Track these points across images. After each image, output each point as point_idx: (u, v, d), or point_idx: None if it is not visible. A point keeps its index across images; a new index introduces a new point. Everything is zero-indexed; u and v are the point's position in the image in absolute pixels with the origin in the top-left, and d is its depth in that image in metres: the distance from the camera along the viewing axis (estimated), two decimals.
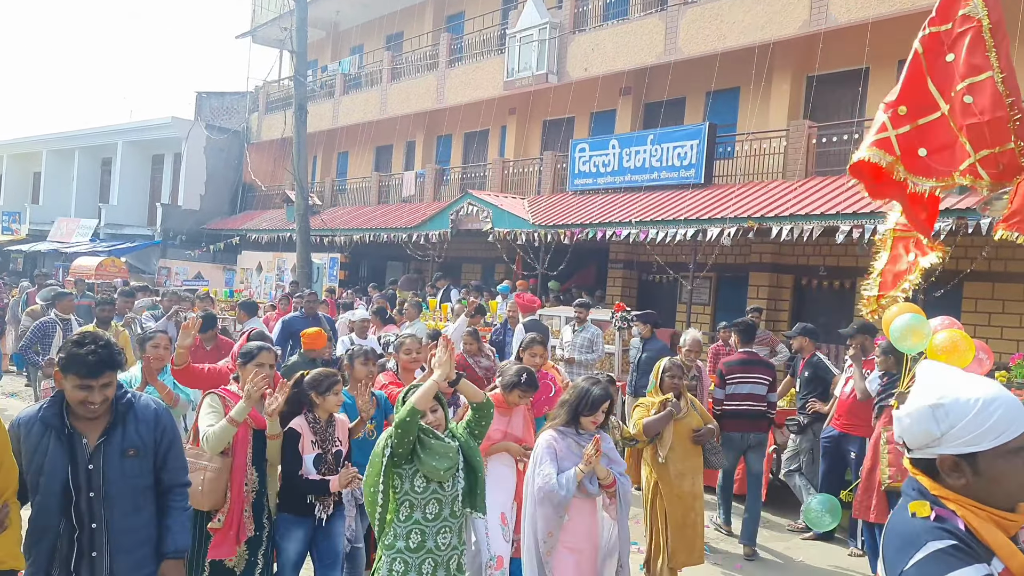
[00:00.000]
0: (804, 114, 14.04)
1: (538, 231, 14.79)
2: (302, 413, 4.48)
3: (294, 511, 4.45)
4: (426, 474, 3.59)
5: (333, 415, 4.57)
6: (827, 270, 13.56)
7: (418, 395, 3.58)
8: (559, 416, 4.38)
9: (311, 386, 4.50)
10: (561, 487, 4.13)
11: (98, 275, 19.77)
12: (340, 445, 4.53)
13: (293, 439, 4.40)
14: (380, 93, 23.06)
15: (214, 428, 4.12)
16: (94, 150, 31.35)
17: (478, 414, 3.86)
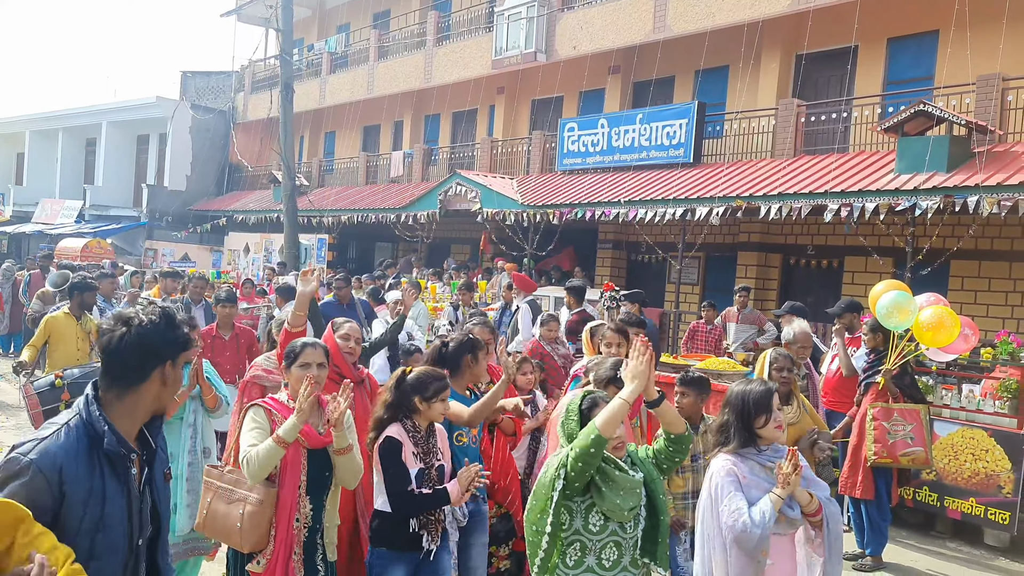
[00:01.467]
0: (793, 92, 14.01)
1: (527, 211, 14.75)
2: (398, 420, 3.75)
3: (394, 544, 3.63)
4: (606, 512, 2.97)
5: (433, 424, 3.84)
6: (815, 249, 13.60)
7: (606, 418, 2.93)
8: (727, 439, 3.48)
9: (415, 389, 3.76)
10: (756, 524, 3.23)
11: (84, 257, 19.64)
12: (442, 459, 3.79)
13: (394, 450, 3.62)
14: (367, 72, 22.86)
15: (257, 449, 3.33)
16: (78, 130, 31.00)
17: (674, 447, 3.22)
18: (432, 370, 3.88)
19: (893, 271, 11.72)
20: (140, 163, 29.87)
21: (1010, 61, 11.13)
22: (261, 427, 3.47)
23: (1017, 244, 11.35)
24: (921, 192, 9.79)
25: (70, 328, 6.88)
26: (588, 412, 3.10)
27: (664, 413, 3.16)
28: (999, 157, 9.90)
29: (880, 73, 13.31)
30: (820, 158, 12.23)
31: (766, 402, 3.43)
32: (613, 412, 2.95)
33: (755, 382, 3.54)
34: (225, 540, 3.51)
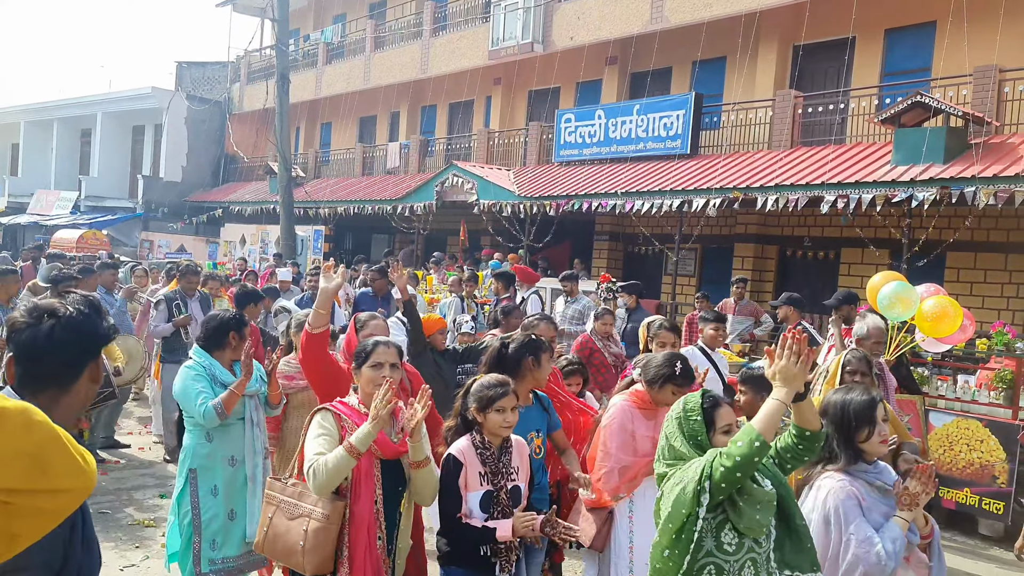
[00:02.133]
0: (790, 84, 14.00)
1: (524, 202, 14.74)
2: (468, 433, 3.35)
3: (467, 564, 3.25)
4: (743, 529, 2.62)
5: (510, 438, 3.40)
6: (812, 241, 13.62)
7: (767, 422, 2.59)
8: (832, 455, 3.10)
9: (471, 397, 3.37)
10: (890, 555, 2.87)
11: (79, 248, 19.57)
12: (517, 479, 3.36)
13: (452, 470, 3.25)
14: (363, 63, 22.79)
15: (326, 458, 2.97)
16: (73, 121, 30.88)
17: (804, 444, 2.81)
18: (493, 377, 3.45)
19: (889, 262, 11.75)
20: (136, 154, 29.78)
21: (1007, 53, 11.13)
22: (329, 434, 3.09)
23: (1013, 236, 11.38)
24: (918, 184, 9.80)
25: None
26: (712, 412, 2.80)
27: (805, 408, 2.76)
28: (996, 149, 9.91)
29: (877, 64, 13.31)
30: (817, 149, 12.23)
31: (869, 413, 3.07)
32: (772, 415, 2.60)
33: (856, 390, 3.18)
34: (285, 561, 3.15)
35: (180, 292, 8.04)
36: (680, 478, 2.66)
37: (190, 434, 4.14)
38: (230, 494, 4.12)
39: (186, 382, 4.09)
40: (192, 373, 4.12)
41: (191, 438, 4.14)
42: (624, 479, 3.86)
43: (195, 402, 4.02)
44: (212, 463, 4.11)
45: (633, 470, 3.85)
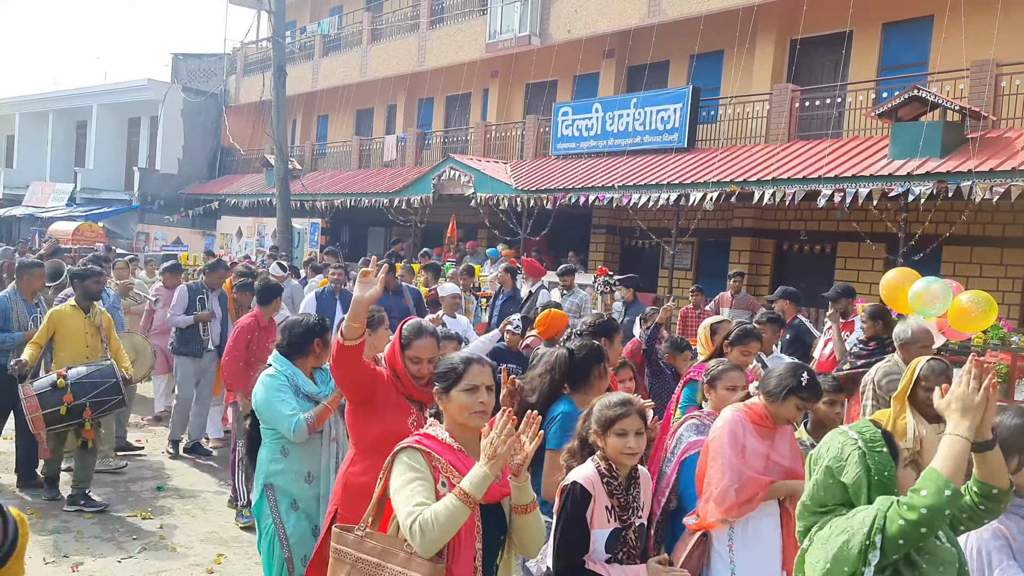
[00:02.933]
0: (788, 77, 13.99)
1: (520, 196, 14.73)
2: (593, 459, 2.92)
3: None
4: None
5: (637, 467, 2.99)
6: (808, 234, 13.63)
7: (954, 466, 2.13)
8: None
9: (595, 417, 2.94)
10: None
11: (75, 240, 19.54)
12: (643, 514, 2.96)
13: (579, 501, 2.77)
14: (360, 55, 22.72)
15: (434, 511, 2.38)
16: (68, 112, 30.76)
17: (987, 504, 2.33)
18: (615, 396, 2.99)
19: (886, 257, 11.77)
20: (131, 146, 29.68)
21: (1004, 47, 11.13)
22: (424, 478, 2.50)
23: (1009, 230, 11.40)
24: (914, 178, 9.81)
25: (78, 322, 5.96)
26: (893, 442, 2.27)
27: (992, 459, 2.29)
28: (992, 143, 9.92)
29: (875, 58, 13.30)
30: (814, 143, 12.23)
31: (1021, 440, 2.59)
32: (959, 455, 2.16)
33: (1007, 413, 2.70)
34: None
35: (203, 286, 7.63)
36: (843, 528, 2.17)
37: (265, 446, 3.81)
38: (309, 510, 3.75)
39: (271, 393, 3.72)
40: (276, 383, 3.75)
41: (266, 451, 3.80)
42: (741, 498, 3.33)
43: (284, 415, 3.66)
44: (286, 480, 3.74)
45: (750, 489, 3.34)
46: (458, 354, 2.82)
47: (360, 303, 3.16)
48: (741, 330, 4.71)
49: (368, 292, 3.14)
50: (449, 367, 2.71)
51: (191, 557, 5.12)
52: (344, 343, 3.20)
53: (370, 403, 3.26)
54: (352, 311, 3.19)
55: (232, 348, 6.02)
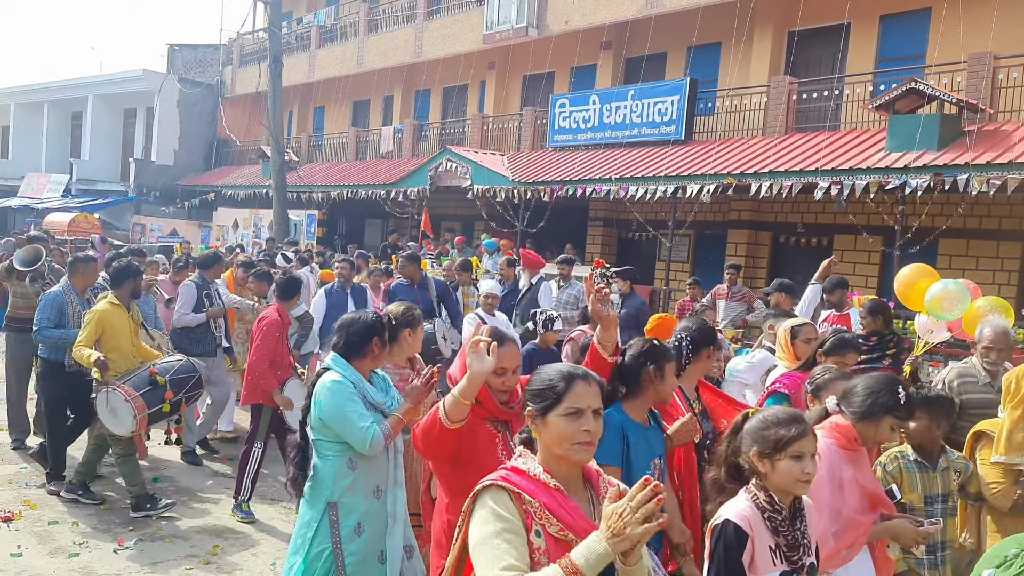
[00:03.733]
0: (785, 70, 13.96)
1: (517, 188, 14.71)
2: (747, 491, 2.49)
3: None
4: None
5: (800, 498, 2.52)
6: (805, 227, 13.63)
7: None
8: None
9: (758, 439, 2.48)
10: None
11: (71, 231, 19.49)
12: (811, 552, 2.50)
13: (735, 544, 2.37)
14: (357, 46, 22.64)
15: None
16: (64, 103, 30.63)
17: None
18: (781, 411, 2.57)
19: (882, 249, 11.79)
20: (127, 137, 29.57)
21: (1001, 40, 11.12)
22: (511, 528, 1.99)
23: (1005, 223, 11.41)
24: (911, 170, 9.81)
25: (123, 321, 5.65)
26: None
27: None
28: (989, 136, 9.92)
29: (872, 50, 13.29)
30: (811, 136, 12.22)
31: None
32: None
33: None
34: None
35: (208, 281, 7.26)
36: None
37: (328, 460, 3.37)
38: (375, 532, 3.40)
39: (343, 402, 3.32)
40: (347, 391, 3.34)
41: (329, 465, 3.36)
42: (841, 545, 2.89)
43: (359, 427, 3.28)
44: (355, 496, 3.36)
45: (850, 535, 2.88)
46: (556, 367, 2.27)
47: (474, 379, 2.66)
48: (838, 339, 4.11)
49: (484, 366, 2.65)
50: (546, 384, 2.18)
51: (187, 548, 5.13)
52: (450, 426, 2.69)
53: (455, 453, 2.84)
54: (467, 386, 2.66)
55: (261, 347, 5.64)
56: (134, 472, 5.64)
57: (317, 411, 3.35)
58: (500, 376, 2.92)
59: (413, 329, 3.95)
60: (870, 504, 3.00)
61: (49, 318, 5.91)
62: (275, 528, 5.60)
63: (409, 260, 8.35)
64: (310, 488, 3.38)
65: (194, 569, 4.84)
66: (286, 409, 5.63)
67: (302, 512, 3.41)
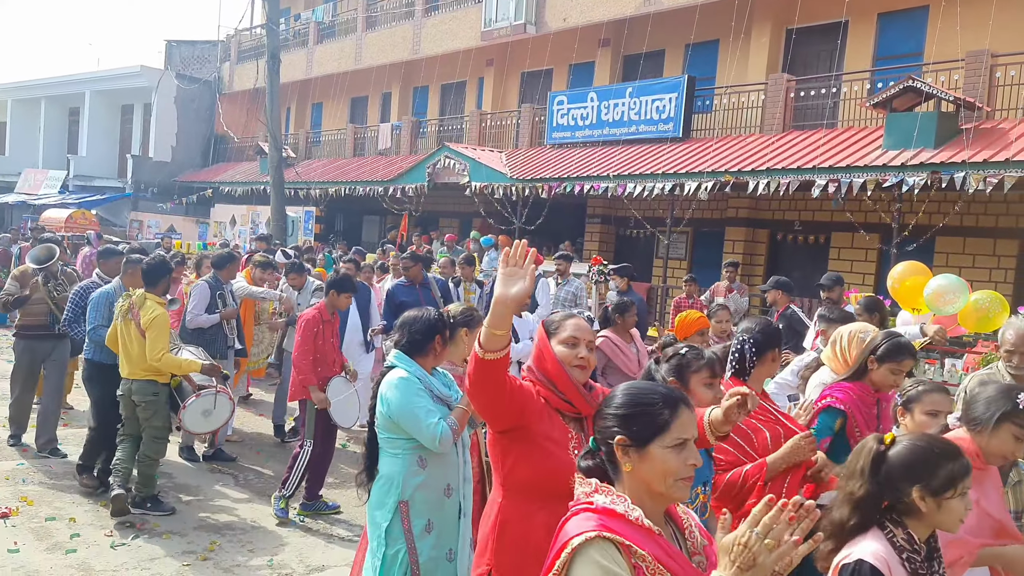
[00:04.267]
0: (783, 67, 13.97)
1: (516, 185, 14.71)
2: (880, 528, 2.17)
3: None
4: None
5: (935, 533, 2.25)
6: (802, 225, 13.65)
7: None
8: None
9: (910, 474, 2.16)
10: None
11: (68, 228, 19.45)
12: None
13: None
14: (355, 42, 22.61)
15: None
16: (61, 99, 30.57)
17: None
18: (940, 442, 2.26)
19: (879, 247, 11.80)
20: (124, 133, 29.52)
21: (999, 38, 11.13)
22: None
23: (1002, 221, 11.43)
24: (908, 168, 9.82)
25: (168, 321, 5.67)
26: None
27: None
28: (986, 134, 9.94)
29: (870, 48, 13.29)
30: (809, 133, 12.23)
31: None
32: None
33: None
34: None
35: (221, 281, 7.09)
36: None
37: (397, 459, 3.31)
38: (444, 530, 3.33)
39: (412, 398, 3.27)
40: (414, 386, 3.31)
41: (400, 464, 3.30)
42: None
43: (427, 422, 3.23)
44: (427, 493, 3.29)
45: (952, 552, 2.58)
46: (657, 388, 1.95)
47: (505, 303, 2.32)
48: (893, 344, 3.63)
49: (515, 288, 2.32)
50: (646, 409, 1.85)
51: (184, 545, 5.13)
52: (484, 356, 2.38)
53: (520, 428, 2.52)
54: (495, 314, 2.35)
55: (302, 344, 5.72)
56: (154, 475, 5.64)
57: (385, 408, 3.29)
58: (572, 348, 2.59)
59: (471, 329, 3.84)
60: (992, 532, 2.69)
61: (103, 315, 5.81)
62: (272, 526, 5.61)
63: (412, 260, 8.17)
64: (379, 487, 3.32)
65: (191, 565, 4.84)
66: (322, 407, 5.63)
67: (372, 514, 3.33)
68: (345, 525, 5.67)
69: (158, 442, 5.61)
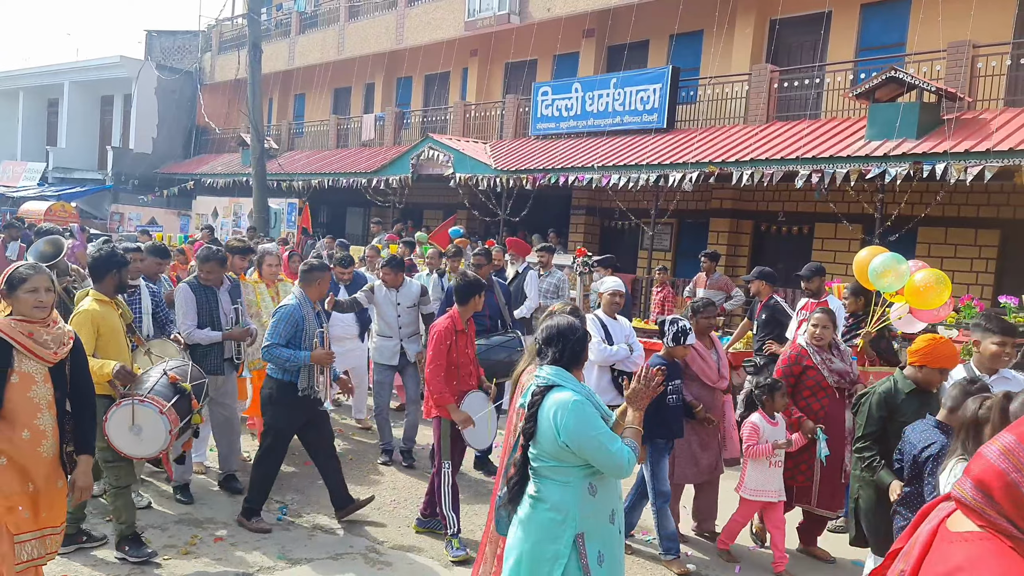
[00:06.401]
0: (767, 58, 13.99)
1: (500, 176, 14.66)
2: None
3: None
4: None
5: None
6: (786, 215, 13.70)
7: None
8: None
9: None
10: None
11: (47, 220, 19.19)
12: None
13: None
14: (337, 32, 22.44)
15: None
16: (39, 90, 30.18)
17: None
18: None
19: (862, 237, 11.86)
20: (104, 125, 29.19)
21: (980, 28, 11.19)
22: None
23: (983, 211, 11.52)
24: (891, 159, 9.87)
25: (114, 319, 4.78)
26: None
27: None
28: (968, 124, 9.99)
29: (853, 39, 13.33)
30: (792, 124, 12.26)
31: None
32: None
33: None
34: None
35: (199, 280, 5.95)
36: None
37: (568, 487, 3.00)
38: (613, 559, 3.09)
39: (591, 421, 2.96)
40: (588, 409, 2.99)
41: (571, 492, 3.00)
42: None
43: (613, 448, 2.94)
44: (597, 522, 3.04)
45: None
46: None
47: None
48: None
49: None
50: None
51: (165, 539, 5.08)
52: None
53: None
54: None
55: (434, 357, 5.15)
56: (129, 507, 4.76)
57: (559, 434, 2.94)
58: None
59: None
60: None
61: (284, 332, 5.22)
62: None
63: (485, 257, 7.38)
64: (546, 519, 2.99)
65: (172, 559, 4.79)
66: (464, 426, 5.15)
67: (542, 548, 2.99)
68: (328, 513, 5.62)
69: (111, 467, 4.67)
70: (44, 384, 3.49)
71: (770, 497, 5.13)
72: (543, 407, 3.01)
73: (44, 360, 3.49)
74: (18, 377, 3.40)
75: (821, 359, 5.19)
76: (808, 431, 5.10)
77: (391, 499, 6.08)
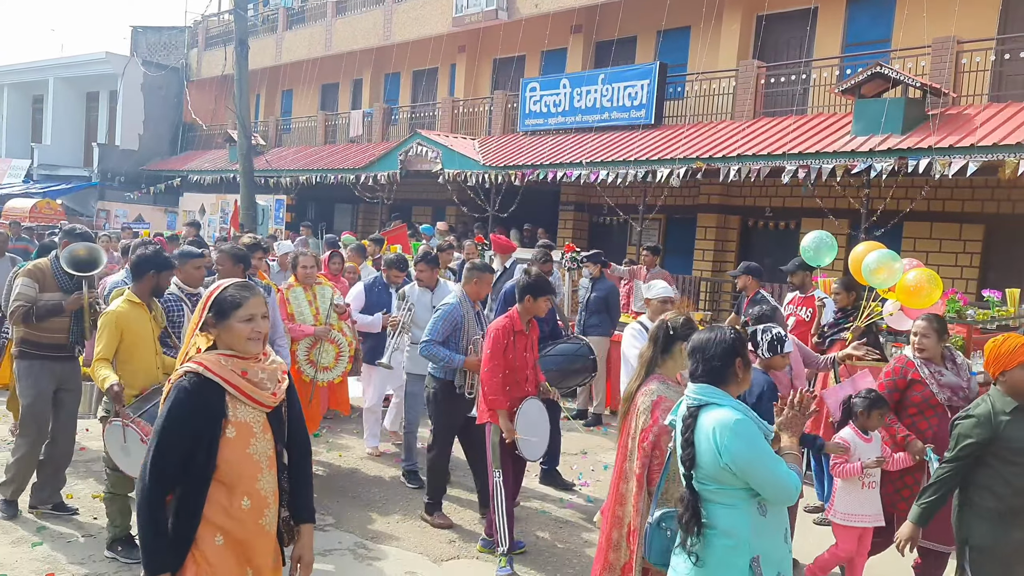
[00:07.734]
0: (753, 54, 14.04)
1: (488, 172, 14.67)
2: None
3: None
4: None
5: None
6: (773, 211, 13.77)
7: None
8: None
9: None
10: None
11: (32, 218, 19.09)
12: None
13: None
14: (325, 28, 22.36)
15: None
16: (24, 87, 29.94)
17: None
18: None
19: (848, 232, 11.94)
20: (90, 121, 28.98)
21: (965, 24, 11.27)
22: None
23: (968, 206, 11.62)
24: (876, 154, 9.93)
25: (143, 323, 4.51)
26: None
27: None
28: (952, 119, 10.07)
29: (839, 35, 13.40)
30: (779, 120, 12.32)
31: None
32: None
33: None
34: None
35: None
36: None
37: (737, 509, 2.81)
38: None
39: (759, 444, 2.78)
40: (753, 430, 2.80)
41: (741, 515, 2.81)
42: None
43: (779, 474, 2.76)
44: (772, 543, 2.86)
45: None
46: None
47: None
48: None
49: None
50: None
51: None
52: None
53: None
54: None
55: (491, 358, 4.85)
56: (124, 511, 4.67)
57: (723, 456, 2.74)
58: None
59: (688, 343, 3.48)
60: None
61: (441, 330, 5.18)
62: None
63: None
64: (720, 545, 2.80)
65: None
66: (508, 437, 4.82)
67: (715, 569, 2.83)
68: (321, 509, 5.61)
69: (111, 473, 4.61)
70: (263, 435, 2.71)
71: (865, 522, 4.46)
72: (698, 428, 2.82)
73: (262, 405, 2.71)
74: (235, 430, 2.62)
75: (929, 372, 4.46)
76: (917, 452, 4.36)
77: (380, 495, 6.09)
